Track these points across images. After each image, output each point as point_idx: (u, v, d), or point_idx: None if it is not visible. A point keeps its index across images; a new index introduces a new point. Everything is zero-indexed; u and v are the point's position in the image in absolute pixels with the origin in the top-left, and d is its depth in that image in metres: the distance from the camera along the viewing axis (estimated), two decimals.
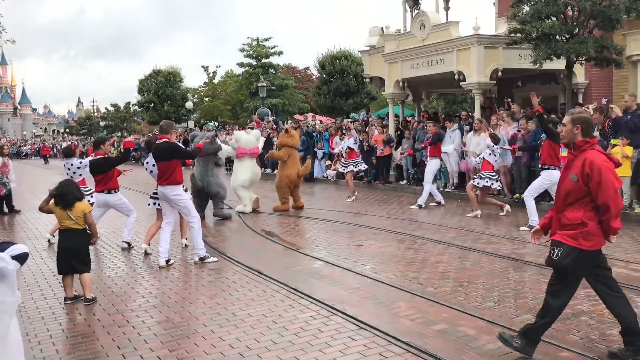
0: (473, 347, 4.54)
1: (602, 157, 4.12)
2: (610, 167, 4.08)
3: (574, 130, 4.20)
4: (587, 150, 4.15)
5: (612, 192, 4.02)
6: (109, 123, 61.68)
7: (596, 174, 4.01)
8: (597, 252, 4.19)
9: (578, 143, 4.20)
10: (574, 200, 4.15)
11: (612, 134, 10.29)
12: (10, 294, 2.16)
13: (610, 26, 12.00)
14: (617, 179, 4.08)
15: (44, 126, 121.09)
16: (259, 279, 6.75)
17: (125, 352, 4.72)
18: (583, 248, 4.08)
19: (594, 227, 4.09)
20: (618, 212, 4.07)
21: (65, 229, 6.02)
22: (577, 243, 4.08)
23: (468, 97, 25.07)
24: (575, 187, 4.13)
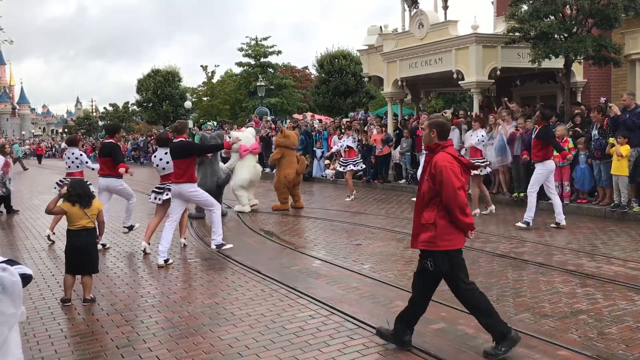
0: (471, 346, 4.55)
1: (448, 158, 4.32)
2: (453, 167, 4.28)
3: (431, 134, 4.46)
4: (438, 152, 4.38)
5: (451, 190, 4.21)
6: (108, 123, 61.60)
7: (439, 174, 4.25)
8: (459, 250, 4.41)
9: (431, 146, 4.47)
10: (429, 200, 4.37)
11: (611, 133, 10.30)
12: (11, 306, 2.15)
13: (608, 25, 12.01)
14: (458, 178, 4.25)
15: (43, 126, 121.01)
16: (258, 278, 6.75)
17: (124, 351, 4.72)
18: (442, 249, 4.29)
19: (446, 226, 4.29)
20: (461, 208, 4.25)
21: (79, 229, 5.92)
22: (435, 246, 4.29)
23: (467, 96, 25.07)
24: (428, 188, 4.36)
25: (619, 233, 8.82)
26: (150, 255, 8.17)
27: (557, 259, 7.27)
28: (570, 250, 7.71)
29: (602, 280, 6.22)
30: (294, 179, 12.27)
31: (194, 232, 10.02)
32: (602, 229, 9.13)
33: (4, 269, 2.12)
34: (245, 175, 12.05)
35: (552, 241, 8.34)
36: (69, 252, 6.01)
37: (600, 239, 8.44)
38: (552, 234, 8.84)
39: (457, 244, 4.36)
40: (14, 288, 2.18)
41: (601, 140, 10.44)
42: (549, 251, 7.70)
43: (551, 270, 6.71)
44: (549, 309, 5.38)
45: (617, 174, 9.98)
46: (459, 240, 4.38)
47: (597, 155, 10.49)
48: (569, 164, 10.91)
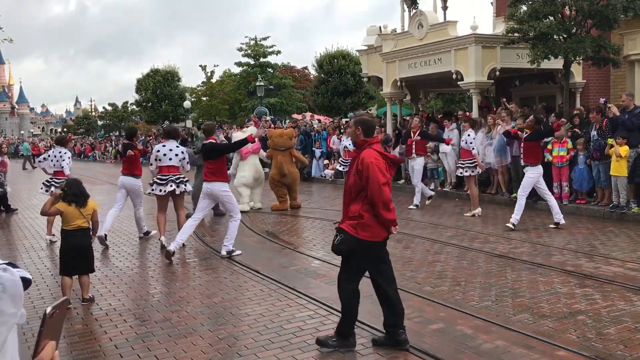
0: (470, 346, 4.55)
1: (374, 154, 4.45)
2: (379, 163, 4.40)
3: (357, 131, 4.60)
4: (365, 148, 4.50)
5: (376, 186, 4.33)
6: (107, 122, 61.56)
7: (365, 170, 4.37)
8: (378, 244, 4.51)
9: (358, 142, 4.60)
10: (355, 194, 4.51)
11: (610, 134, 10.31)
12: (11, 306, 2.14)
13: (607, 26, 12.02)
14: (383, 175, 4.37)
15: (42, 125, 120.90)
16: (257, 278, 6.75)
17: (123, 351, 4.72)
18: (360, 237, 4.41)
19: (370, 219, 4.41)
20: (385, 204, 4.37)
21: (75, 229, 5.88)
22: (355, 232, 4.42)
23: (466, 96, 25.08)
24: (354, 183, 4.49)
25: (618, 234, 8.82)
26: (149, 254, 8.17)
27: (556, 259, 7.27)
28: (569, 251, 7.71)
29: (601, 281, 6.22)
30: (279, 180, 12.27)
31: (193, 232, 10.00)
32: (600, 230, 9.13)
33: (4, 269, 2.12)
34: (247, 173, 12.15)
35: (551, 242, 8.34)
36: (65, 252, 5.94)
37: (599, 239, 8.44)
38: (550, 235, 8.85)
39: (376, 236, 4.48)
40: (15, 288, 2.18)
41: (600, 141, 10.45)
42: (548, 252, 7.71)
43: (550, 270, 6.72)
44: (547, 309, 5.39)
45: (616, 175, 9.99)
46: (380, 233, 4.49)
47: (596, 156, 10.49)
48: (567, 164, 10.93)
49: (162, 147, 8.84)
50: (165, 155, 8.70)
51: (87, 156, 45.55)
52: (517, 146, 11.69)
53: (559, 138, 10.91)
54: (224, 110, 44.75)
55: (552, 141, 11.01)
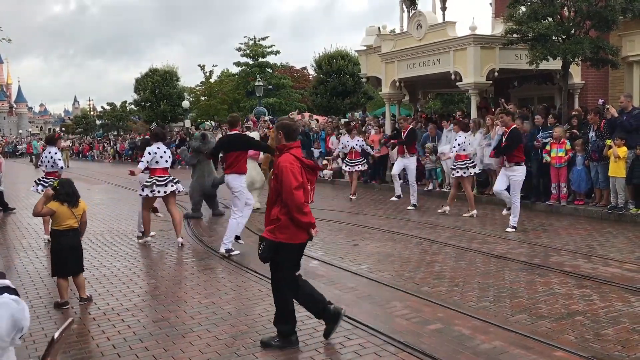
0: (468, 346, 4.55)
1: (290, 158, 4.55)
2: (293, 167, 4.48)
3: (278, 135, 4.70)
4: (284, 152, 4.62)
5: (288, 189, 4.43)
6: (105, 122, 61.48)
7: (280, 174, 4.50)
8: (298, 246, 4.63)
9: (279, 147, 4.71)
10: (275, 197, 4.61)
11: (608, 135, 10.32)
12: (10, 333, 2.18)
13: (606, 27, 12.03)
14: (296, 178, 4.44)
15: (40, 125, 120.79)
16: (255, 278, 6.74)
17: (121, 351, 4.71)
18: (280, 240, 4.53)
19: (287, 222, 4.51)
20: (297, 207, 4.44)
21: (66, 229, 5.87)
22: (274, 236, 4.55)
23: (464, 97, 25.10)
24: (274, 187, 4.61)
25: (616, 234, 8.83)
26: (148, 254, 8.16)
27: (554, 260, 7.28)
28: (567, 252, 7.72)
29: (599, 282, 6.23)
30: None
31: (191, 232, 10.02)
32: (598, 231, 9.14)
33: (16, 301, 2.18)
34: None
35: (549, 242, 8.35)
36: (56, 253, 5.89)
37: (597, 240, 8.45)
38: (549, 235, 8.86)
39: (295, 238, 4.57)
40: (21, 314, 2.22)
41: (598, 142, 10.46)
42: (546, 252, 7.71)
43: (548, 271, 6.72)
44: (545, 310, 5.39)
45: (614, 176, 10.01)
46: (299, 235, 4.57)
47: (594, 157, 10.49)
48: (565, 165, 10.93)
49: (158, 149, 8.84)
50: (162, 157, 8.77)
51: (85, 156, 45.52)
52: None
53: (557, 139, 10.92)
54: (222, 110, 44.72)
55: (551, 142, 11.02)
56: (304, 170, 4.57)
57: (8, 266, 7.82)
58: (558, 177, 11.08)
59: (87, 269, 7.42)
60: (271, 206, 4.66)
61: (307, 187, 4.60)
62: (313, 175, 4.76)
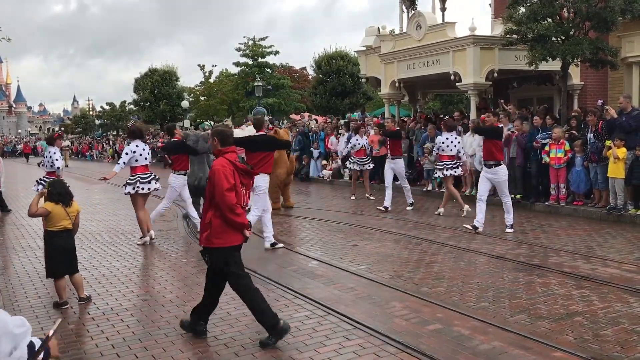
0: (467, 347, 4.55)
1: (223, 162, 4.70)
2: (225, 170, 4.64)
3: (214, 142, 4.86)
4: (220, 157, 4.77)
5: (220, 191, 4.58)
6: (105, 122, 61.47)
7: (212, 177, 4.65)
8: (234, 248, 4.76)
9: (215, 152, 4.89)
10: (210, 201, 4.73)
11: (606, 136, 10.33)
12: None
13: (605, 28, 12.05)
14: (228, 181, 4.60)
15: (39, 124, 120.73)
16: (254, 279, 6.68)
17: (119, 351, 4.71)
18: (220, 246, 4.66)
19: (220, 226, 4.65)
20: (229, 209, 4.59)
21: (61, 230, 5.87)
22: (210, 243, 4.66)
23: (464, 97, 25.12)
24: (209, 190, 4.73)
25: (615, 235, 8.84)
26: (148, 254, 8.16)
27: (553, 260, 7.29)
28: (566, 252, 7.73)
29: (598, 282, 6.24)
30: (285, 179, 12.33)
31: (190, 232, 10.01)
32: (597, 231, 9.15)
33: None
34: None
35: (548, 243, 8.35)
36: (55, 254, 5.87)
37: (596, 241, 8.46)
38: (548, 236, 8.86)
39: (230, 241, 4.70)
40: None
41: (597, 144, 10.46)
42: (545, 253, 7.72)
43: (547, 272, 6.73)
44: (544, 310, 5.40)
45: (614, 177, 10.01)
46: (234, 238, 4.71)
47: (594, 159, 10.49)
48: (565, 166, 10.94)
49: (137, 147, 8.91)
50: (141, 155, 8.87)
51: (84, 155, 45.49)
52: (514, 147, 11.73)
53: (556, 140, 10.92)
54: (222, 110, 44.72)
55: (550, 143, 11.03)
56: (238, 174, 4.73)
57: (7, 266, 7.82)
58: (557, 177, 11.09)
59: (87, 269, 7.43)
60: (208, 209, 4.76)
61: (241, 191, 4.76)
62: (248, 179, 4.92)
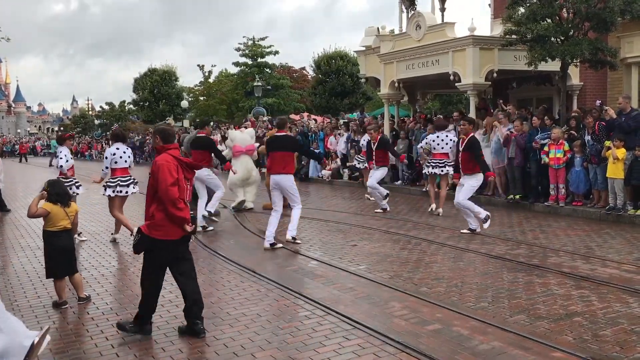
0: (467, 347, 4.56)
1: (167, 157, 4.91)
2: (169, 165, 4.83)
3: (156, 139, 5.10)
4: (162, 153, 4.98)
5: (163, 186, 4.75)
6: (104, 121, 61.46)
7: (156, 171, 4.83)
8: (172, 242, 4.90)
9: (158, 148, 5.09)
10: (152, 195, 4.91)
11: (604, 137, 10.33)
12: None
13: (604, 28, 12.05)
14: (171, 175, 4.79)
15: (39, 124, 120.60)
16: (254, 278, 6.74)
17: (119, 350, 4.71)
18: (154, 237, 4.83)
19: (162, 219, 4.83)
20: (172, 203, 4.76)
21: (60, 230, 5.86)
22: (149, 232, 4.86)
23: (463, 98, 25.11)
24: (150, 184, 4.92)
25: (614, 236, 8.85)
26: None
27: (553, 261, 7.29)
28: (566, 253, 7.73)
29: (597, 283, 6.24)
30: None
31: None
32: (597, 232, 9.16)
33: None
34: (237, 174, 12.30)
35: (548, 243, 8.36)
36: (54, 254, 5.85)
37: (595, 241, 8.46)
38: (547, 236, 8.87)
39: (169, 235, 4.86)
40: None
41: (596, 145, 10.46)
42: (545, 253, 7.72)
43: (546, 272, 6.73)
44: (544, 310, 5.40)
45: (613, 177, 10.02)
46: (173, 232, 4.86)
47: (594, 161, 10.48)
48: (564, 166, 10.94)
49: (117, 149, 9.04)
50: (122, 158, 8.97)
51: (83, 155, 45.46)
52: (513, 148, 11.73)
53: (555, 140, 10.93)
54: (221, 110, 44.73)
55: (549, 143, 11.04)
56: (182, 169, 4.92)
57: (6, 266, 7.82)
58: (556, 178, 11.09)
59: (86, 269, 7.43)
60: (150, 203, 4.95)
61: (184, 185, 4.93)
62: (191, 173, 5.10)
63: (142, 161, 33.78)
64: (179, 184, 4.85)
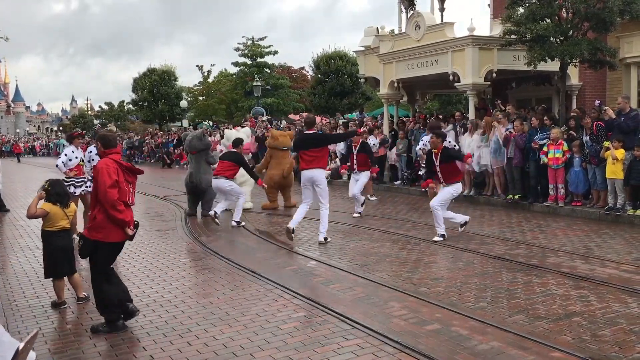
0: (466, 347, 4.56)
1: (107, 161, 5.07)
2: (108, 169, 4.99)
3: (98, 145, 5.30)
4: (104, 157, 5.17)
5: (102, 188, 4.92)
6: (103, 121, 61.44)
7: (96, 175, 5.01)
8: (113, 244, 5.09)
9: (100, 153, 5.29)
10: (94, 198, 5.06)
11: (603, 137, 10.33)
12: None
13: (604, 28, 12.05)
14: (110, 177, 4.95)
15: (37, 124, 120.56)
16: (253, 279, 6.74)
17: (118, 351, 4.71)
18: (96, 239, 4.99)
19: (103, 221, 4.98)
20: (111, 205, 4.92)
21: (59, 230, 5.86)
22: (91, 235, 5.03)
23: (462, 98, 25.12)
24: (93, 188, 5.06)
25: (613, 236, 8.85)
26: (145, 254, 8.16)
27: (552, 261, 7.29)
28: (565, 253, 7.73)
29: (596, 283, 6.24)
30: (278, 181, 12.28)
31: (189, 232, 10.01)
32: (596, 232, 9.16)
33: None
34: None
35: (547, 243, 8.36)
36: (51, 254, 5.86)
37: (594, 241, 8.47)
38: (546, 236, 8.87)
39: (110, 237, 5.02)
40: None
41: (595, 146, 10.46)
42: (544, 253, 7.73)
43: (545, 272, 6.73)
44: (542, 310, 5.40)
45: (613, 177, 10.02)
46: (114, 234, 5.03)
47: (593, 162, 10.47)
48: (563, 166, 10.94)
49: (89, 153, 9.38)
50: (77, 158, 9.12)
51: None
52: (512, 148, 11.73)
53: (554, 140, 10.93)
54: (220, 110, 44.72)
55: (548, 143, 11.04)
56: (122, 172, 5.08)
57: (5, 266, 7.81)
58: (555, 178, 11.09)
59: (85, 269, 7.42)
60: (93, 207, 5.11)
61: (125, 187, 5.08)
62: (132, 177, 5.25)
63: (141, 160, 33.78)
64: (120, 186, 5.01)
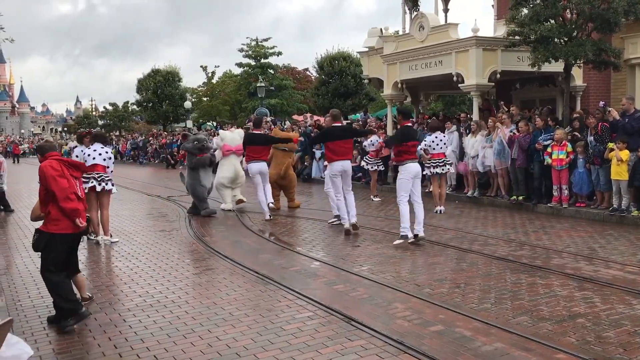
0: (469, 348, 4.55)
1: (48, 162, 5.37)
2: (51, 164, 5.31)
3: (38, 155, 5.65)
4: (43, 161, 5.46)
5: (50, 180, 5.22)
6: (107, 122, 61.56)
7: (41, 173, 5.32)
8: (68, 236, 5.32)
9: (40, 160, 5.58)
10: (44, 195, 5.36)
11: (608, 138, 10.31)
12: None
13: (608, 29, 12.02)
14: (54, 169, 5.26)
15: (42, 125, 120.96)
16: (256, 279, 6.75)
17: (122, 351, 4.72)
18: (51, 231, 5.24)
19: (57, 214, 5.24)
20: (62, 193, 5.19)
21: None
22: (46, 228, 5.28)
23: (466, 99, 25.08)
24: (40, 188, 5.42)
25: (617, 237, 8.83)
26: (148, 254, 8.17)
27: (556, 262, 7.28)
28: (569, 254, 7.72)
29: (600, 284, 6.23)
30: (276, 180, 12.32)
31: (192, 232, 10.02)
32: (600, 233, 9.14)
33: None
34: (225, 174, 12.44)
35: (551, 244, 8.34)
36: None
37: (599, 242, 8.45)
38: (550, 237, 8.85)
39: (65, 229, 5.27)
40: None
41: (599, 146, 10.43)
42: (547, 254, 7.71)
43: (549, 273, 6.72)
44: (546, 312, 5.39)
45: (617, 179, 10.00)
46: (65, 226, 5.26)
47: (597, 162, 10.45)
48: (567, 167, 10.92)
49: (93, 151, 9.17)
50: (89, 156, 9.06)
51: None
52: (516, 149, 11.72)
53: (558, 141, 10.91)
54: (224, 111, 44.80)
55: (552, 144, 11.02)
56: (65, 167, 5.39)
57: (9, 266, 7.84)
58: (559, 179, 11.07)
59: (86, 269, 7.44)
60: (45, 203, 5.34)
61: (72, 181, 5.36)
62: (76, 171, 5.54)
63: (146, 161, 33.86)
64: (67, 179, 5.30)
